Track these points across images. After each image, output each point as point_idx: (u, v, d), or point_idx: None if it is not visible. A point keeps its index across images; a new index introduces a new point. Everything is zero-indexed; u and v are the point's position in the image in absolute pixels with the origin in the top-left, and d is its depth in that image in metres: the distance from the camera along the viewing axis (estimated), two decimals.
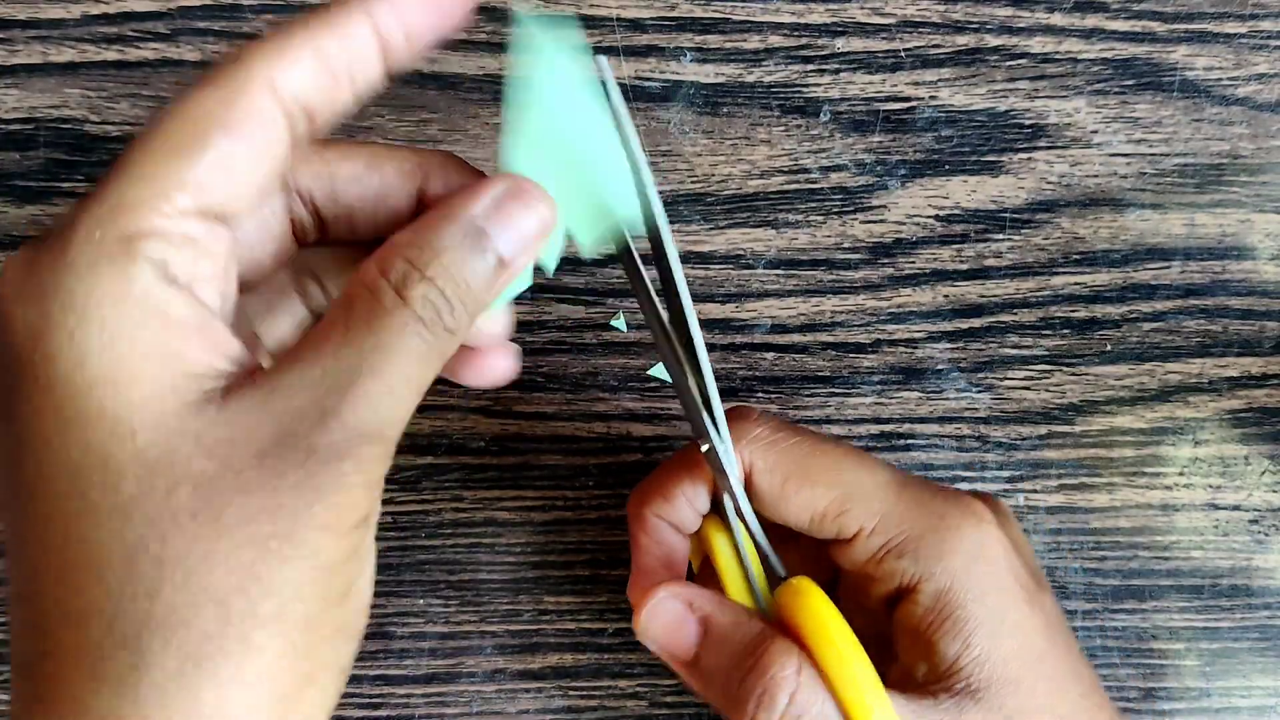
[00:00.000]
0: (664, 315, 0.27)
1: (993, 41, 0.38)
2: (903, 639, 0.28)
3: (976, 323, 0.38)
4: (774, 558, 0.29)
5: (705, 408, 0.27)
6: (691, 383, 0.27)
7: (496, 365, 0.27)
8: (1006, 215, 0.38)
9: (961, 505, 0.28)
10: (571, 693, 0.37)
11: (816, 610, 0.26)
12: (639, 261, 0.27)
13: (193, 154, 0.20)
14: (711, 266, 0.37)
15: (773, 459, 0.29)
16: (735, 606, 0.28)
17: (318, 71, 0.22)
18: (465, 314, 0.22)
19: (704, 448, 0.28)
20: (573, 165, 0.24)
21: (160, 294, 0.20)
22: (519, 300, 0.38)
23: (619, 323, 0.29)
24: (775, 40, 0.37)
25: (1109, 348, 0.38)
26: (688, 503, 0.30)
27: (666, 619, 0.28)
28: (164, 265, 0.20)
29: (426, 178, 0.25)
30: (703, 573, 0.32)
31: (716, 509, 0.31)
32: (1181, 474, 0.38)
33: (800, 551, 0.31)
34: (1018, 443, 0.38)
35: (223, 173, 0.21)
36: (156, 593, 0.20)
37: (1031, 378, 0.38)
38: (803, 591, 0.27)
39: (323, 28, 0.22)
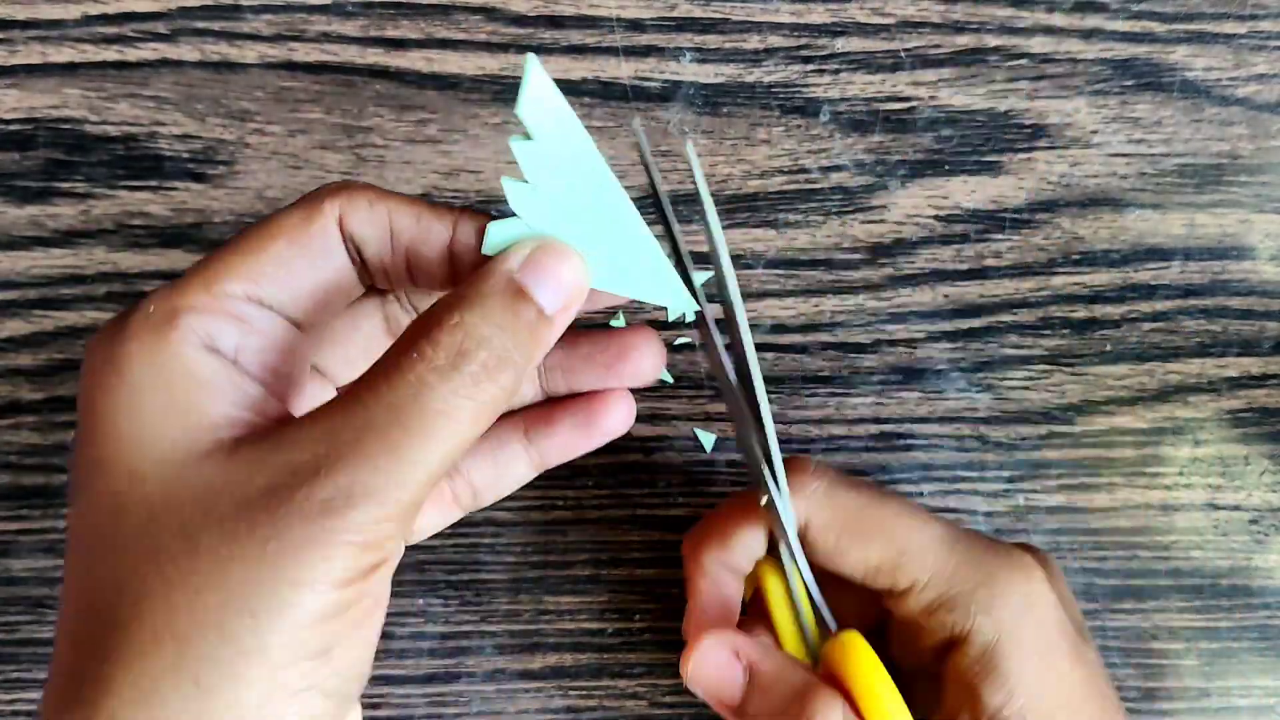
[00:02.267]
0: (731, 370, 0.28)
1: (993, 42, 0.38)
2: (950, 687, 0.29)
3: (976, 323, 0.38)
4: (826, 611, 0.30)
5: (766, 461, 0.28)
6: (754, 437, 0.28)
7: (608, 418, 0.29)
8: (1006, 215, 0.38)
9: (1012, 560, 0.29)
10: (571, 693, 0.37)
11: (864, 664, 0.27)
12: (710, 321, 0.27)
13: (254, 253, 0.24)
14: (711, 267, 0.37)
15: (828, 514, 0.29)
16: (781, 655, 0.29)
17: (381, 234, 0.25)
18: (514, 370, 0.23)
19: (763, 500, 0.29)
20: (594, 226, 0.25)
21: (191, 356, 0.23)
22: None
23: (619, 322, 0.29)
24: (775, 40, 0.37)
25: (1109, 348, 0.38)
26: (744, 548, 0.31)
27: (713, 664, 0.28)
28: (205, 336, 0.23)
29: (457, 229, 0.25)
30: (753, 607, 0.33)
31: (772, 550, 0.31)
32: (1181, 474, 0.38)
33: (854, 594, 0.32)
34: (1018, 443, 0.38)
35: (278, 272, 0.24)
36: (126, 625, 0.21)
37: (1031, 378, 0.38)
38: (851, 645, 0.28)
39: (398, 200, 0.25)
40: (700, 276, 0.27)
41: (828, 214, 0.38)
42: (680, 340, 0.37)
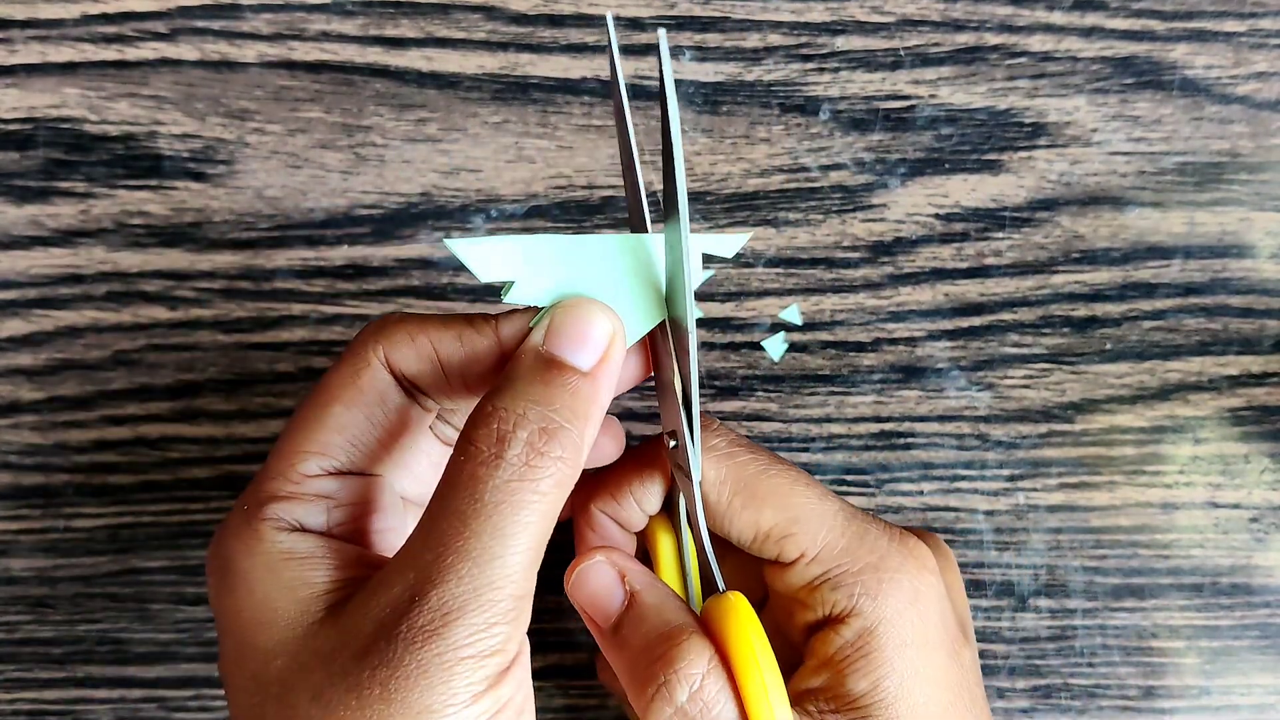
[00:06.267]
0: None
1: (992, 40, 0.38)
2: (811, 661, 0.28)
3: (977, 321, 0.38)
4: (716, 568, 0.28)
5: (684, 405, 0.27)
6: (677, 378, 0.27)
7: (598, 449, 0.29)
8: (1006, 214, 0.38)
9: (907, 547, 0.28)
10: (571, 691, 0.37)
11: (743, 623, 0.26)
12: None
13: (315, 428, 0.26)
14: (711, 265, 0.37)
15: (723, 472, 0.28)
16: (665, 590, 0.28)
17: (430, 366, 0.26)
18: (568, 436, 0.23)
19: (672, 443, 0.28)
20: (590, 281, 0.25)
21: (285, 543, 0.25)
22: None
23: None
24: (775, 39, 0.37)
25: (1109, 346, 0.38)
26: (636, 503, 0.30)
27: (596, 581, 0.28)
28: (293, 520, 0.25)
29: (500, 335, 0.26)
30: None
31: (666, 511, 0.30)
32: (1182, 472, 0.38)
33: (733, 569, 0.31)
34: (1018, 441, 0.38)
35: (342, 439, 0.26)
36: None
37: (1032, 376, 0.38)
38: (735, 604, 0.27)
39: (438, 325, 0.26)
40: (698, 277, 0.27)
41: (828, 212, 0.38)
42: None
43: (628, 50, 0.37)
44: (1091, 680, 0.37)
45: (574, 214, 0.37)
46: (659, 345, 0.27)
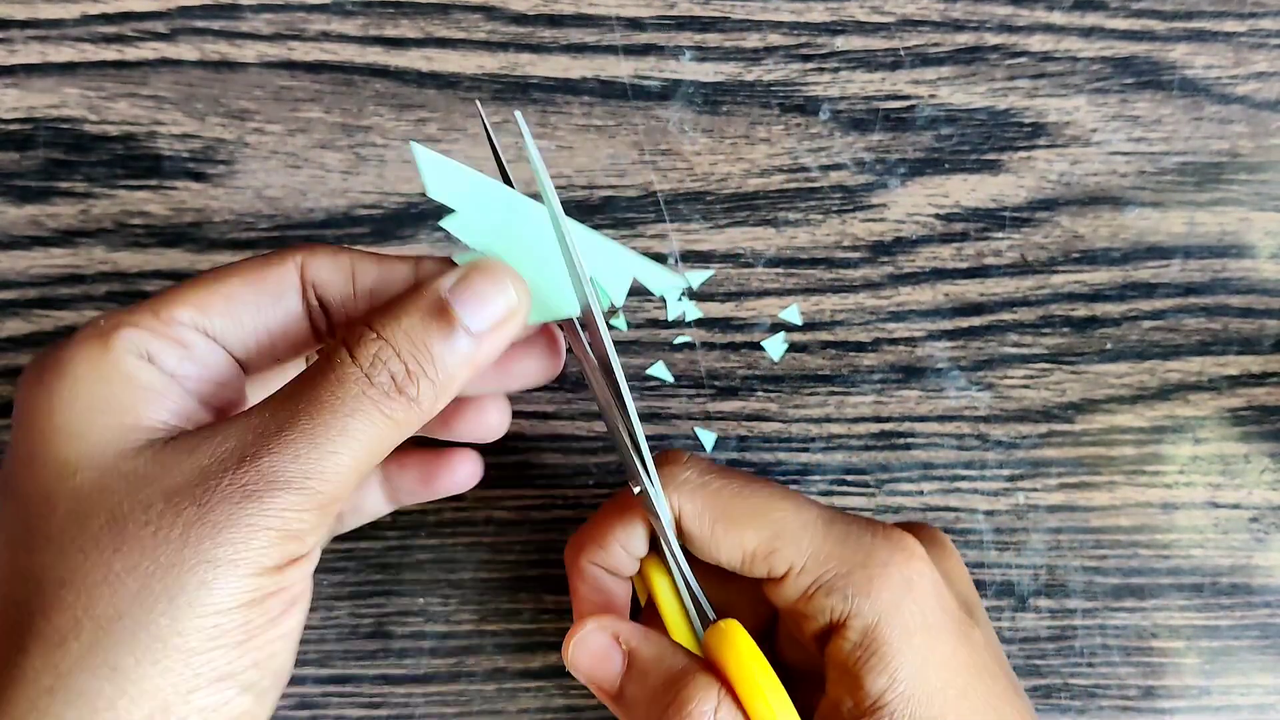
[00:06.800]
0: (595, 362, 0.28)
1: (992, 40, 0.38)
2: (832, 673, 0.28)
3: (976, 321, 0.38)
4: (704, 599, 0.29)
5: (635, 451, 0.27)
6: (621, 426, 0.27)
7: (483, 420, 0.30)
8: (1006, 214, 0.38)
9: (891, 540, 0.28)
10: (572, 691, 0.37)
11: (741, 651, 0.26)
12: (575, 321, 0.28)
13: (206, 286, 0.25)
14: (711, 265, 0.37)
15: (700, 503, 0.29)
16: (661, 640, 0.28)
17: (344, 279, 0.26)
18: (430, 385, 0.24)
19: (636, 490, 0.28)
20: (518, 254, 0.26)
21: (131, 365, 0.24)
22: None
23: (619, 322, 0.30)
24: (775, 39, 0.37)
25: (1109, 346, 0.38)
26: (622, 548, 0.30)
27: (593, 650, 0.28)
28: (146, 351, 0.24)
29: (420, 267, 0.27)
30: (648, 610, 0.32)
31: (656, 549, 0.30)
32: (1182, 472, 0.38)
33: (740, 590, 0.31)
34: (1018, 441, 0.38)
35: (227, 307, 0.26)
36: (46, 612, 0.21)
37: (1032, 376, 0.38)
38: (729, 633, 0.27)
39: (364, 257, 0.26)
40: (698, 276, 0.27)
41: (827, 212, 0.38)
42: (680, 339, 0.37)
43: (629, 50, 0.37)
44: (1091, 680, 0.37)
45: (574, 214, 0.37)
46: (600, 398, 0.28)
